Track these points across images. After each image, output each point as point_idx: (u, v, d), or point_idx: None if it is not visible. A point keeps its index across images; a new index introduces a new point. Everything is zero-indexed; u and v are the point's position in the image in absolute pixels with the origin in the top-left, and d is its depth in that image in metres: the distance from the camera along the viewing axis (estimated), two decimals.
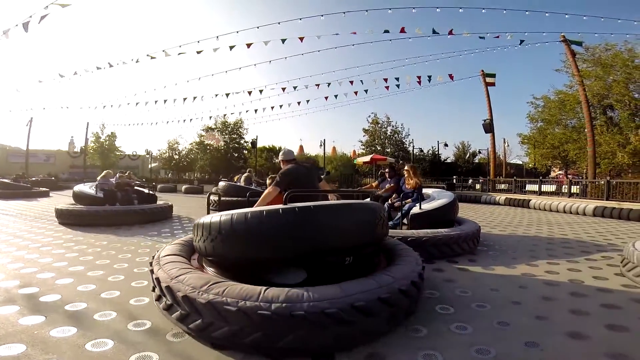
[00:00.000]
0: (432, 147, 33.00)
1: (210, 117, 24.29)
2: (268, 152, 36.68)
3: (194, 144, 32.84)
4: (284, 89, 17.01)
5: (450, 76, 18.54)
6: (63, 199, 9.21)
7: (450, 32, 14.08)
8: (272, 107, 19.62)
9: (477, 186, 20.35)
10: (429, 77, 17.58)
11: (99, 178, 8.62)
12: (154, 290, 2.35)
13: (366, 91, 17.72)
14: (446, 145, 32.30)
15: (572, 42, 16.18)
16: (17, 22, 7.82)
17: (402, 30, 13.22)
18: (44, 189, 17.59)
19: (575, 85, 17.98)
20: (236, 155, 31.61)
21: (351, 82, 16.99)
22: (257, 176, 16.02)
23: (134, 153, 43.27)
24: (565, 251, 4.83)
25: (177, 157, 33.93)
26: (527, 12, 13.00)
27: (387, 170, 6.16)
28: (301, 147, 43.40)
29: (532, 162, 27.56)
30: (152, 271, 2.42)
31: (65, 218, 6.77)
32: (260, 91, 17.01)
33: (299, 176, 3.27)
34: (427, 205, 4.72)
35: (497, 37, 14.11)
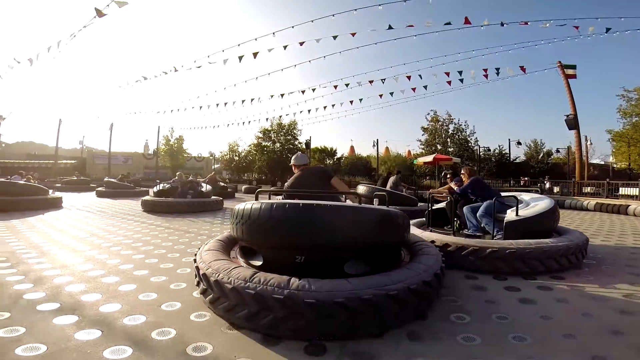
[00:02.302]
0: (500, 146, 30.36)
1: (267, 119, 24.87)
2: (320, 153, 36.64)
3: (252, 145, 33.83)
4: (335, 87, 16.61)
5: (522, 68, 16.71)
6: None
7: (525, 23, 12.73)
8: (325, 107, 19.37)
9: (556, 189, 18.19)
10: (497, 69, 15.85)
11: (175, 177, 11.64)
12: (198, 284, 2.53)
13: (425, 87, 16.62)
14: (519, 143, 29.38)
15: None
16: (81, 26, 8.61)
17: (467, 21, 12.11)
18: (145, 188, 19.03)
19: None
20: (291, 156, 32.04)
21: (408, 78, 15.96)
22: None
23: (199, 155, 46.22)
24: None
25: (237, 158, 35.28)
26: None
27: (449, 176, 5.79)
28: (352, 148, 42.51)
29: (624, 161, 23.82)
30: (204, 275, 2.42)
31: (144, 206, 9.53)
32: (313, 90, 16.82)
33: (297, 183, 3.60)
34: (525, 212, 3.97)
35: (577, 27, 12.38)
